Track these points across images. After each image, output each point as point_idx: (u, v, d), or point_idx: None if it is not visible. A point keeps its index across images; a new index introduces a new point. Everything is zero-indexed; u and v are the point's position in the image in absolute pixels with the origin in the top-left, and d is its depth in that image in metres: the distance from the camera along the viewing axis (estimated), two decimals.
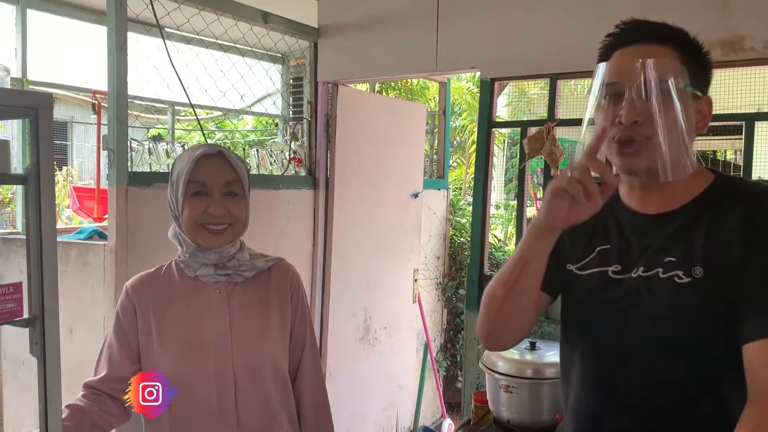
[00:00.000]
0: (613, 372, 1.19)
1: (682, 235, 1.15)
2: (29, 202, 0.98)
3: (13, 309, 0.97)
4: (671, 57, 1.14)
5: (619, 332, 1.19)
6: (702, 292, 1.10)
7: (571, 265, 1.27)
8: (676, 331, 1.13)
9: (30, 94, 0.99)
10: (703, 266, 1.10)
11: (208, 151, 1.49)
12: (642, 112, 1.10)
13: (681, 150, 1.12)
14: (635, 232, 1.21)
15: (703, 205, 1.16)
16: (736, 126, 2.76)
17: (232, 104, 3.35)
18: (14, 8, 3.16)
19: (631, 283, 1.17)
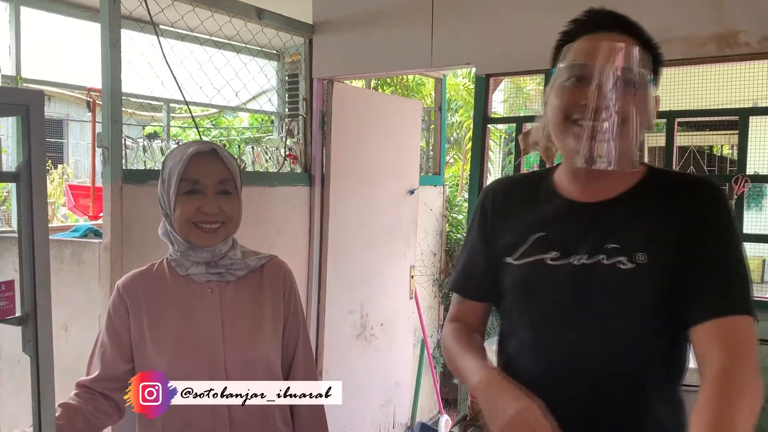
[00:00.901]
0: (555, 363, 1.18)
1: (624, 222, 1.16)
2: (21, 200, 0.97)
3: (5, 307, 0.97)
4: (636, 47, 1.13)
5: (561, 319, 1.18)
6: (646, 277, 1.11)
7: (508, 258, 1.26)
8: (622, 317, 1.14)
9: (21, 91, 0.98)
10: (646, 252, 1.12)
11: (201, 149, 1.46)
12: (610, 97, 1.10)
13: (635, 141, 1.14)
14: (573, 220, 1.20)
15: (642, 193, 1.18)
16: (732, 121, 2.76)
17: (227, 101, 3.35)
18: (8, 6, 3.15)
19: (574, 269, 1.17)
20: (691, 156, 6.06)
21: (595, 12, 1.20)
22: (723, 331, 1.05)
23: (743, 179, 2.47)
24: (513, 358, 1.28)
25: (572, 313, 1.17)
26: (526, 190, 1.31)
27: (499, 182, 1.41)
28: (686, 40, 2.44)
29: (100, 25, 2.35)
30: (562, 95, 1.16)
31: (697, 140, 7.43)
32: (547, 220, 1.24)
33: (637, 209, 1.16)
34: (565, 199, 1.23)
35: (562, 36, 1.22)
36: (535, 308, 1.23)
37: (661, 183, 1.19)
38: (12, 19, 3.17)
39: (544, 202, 1.26)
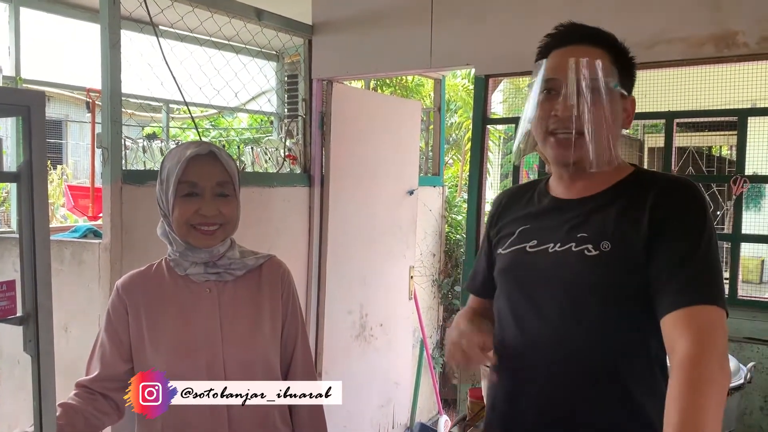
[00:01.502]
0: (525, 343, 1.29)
1: (595, 214, 1.26)
2: (22, 200, 0.97)
3: (7, 307, 0.97)
4: (603, 58, 1.24)
5: (534, 302, 1.28)
6: (607, 263, 1.20)
7: (499, 250, 1.40)
8: (589, 301, 1.22)
9: (22, 92, 0.99)
10: (611, 241, 1.21)
11: (200, 151, 1.46)
12: (575, 106, 1.21)
13: (608, 143, 1.23)
14: (554, 214, 1.33)
15: (619, 190, 1.27)
16: (731, 121, 2.77)
17: (227, 102, 3.35)
18: (7, 6, 3.15)
19: (547, 256, 1.28)
20: (690, 156, 6.07)
21: (564, 27, 1.31)
22: (689, 320, 1.10)
23: (742, 179, 2.48)
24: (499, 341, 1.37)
25: (545, 295, 1.27)
26: (525, 195, 1.44)
27: (506, 191, 1.55)
28: (685, 40, 2.44)
29: (100, 25, 2.36)
30: (538, 107, 1.28)
31: (696, 141, 7.44)
32: (534, 215, 1.37)
33: (611, 203, 1.25)
34: (553, 197, 1.36)
35: (537, 50, 1.34)
36: (513, 292, 1.34)
37: (640, 181, 1.27)
38: (11, 19, 3.17)
39: (536, 202, 1.39)
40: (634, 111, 1.31)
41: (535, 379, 1.26)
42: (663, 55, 2.48)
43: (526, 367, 1.28)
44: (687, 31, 2.44)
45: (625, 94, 1.28)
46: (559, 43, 1.29)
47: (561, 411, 1.24)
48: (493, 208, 1.52)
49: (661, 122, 2.72)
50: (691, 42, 2.44)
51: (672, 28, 2.46)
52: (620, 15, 2.51)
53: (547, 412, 1.25)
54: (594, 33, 1.28)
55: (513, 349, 1.31)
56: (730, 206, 2.58)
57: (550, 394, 1.25)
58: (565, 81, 1.22)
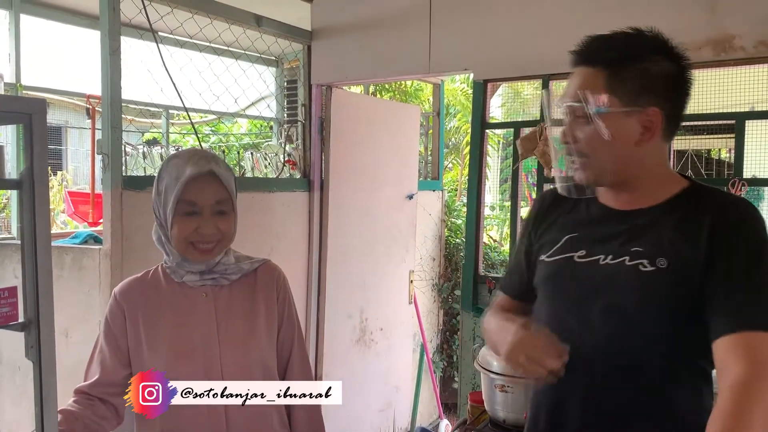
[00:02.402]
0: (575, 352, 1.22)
1: (651, 229, 1.23)
2: (24, 207, 0.98)
3: (8, 313, 0.98)
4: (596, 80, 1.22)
5: (581, 313, 1.26)
6: (663, 281, 1.18)
7: (543, 256, 1.37)
8: (637, 315, 1.20)
9: (23, 100, 1.00)
10: (667, 258, 1.18)
11: (200, 171, 1.46)
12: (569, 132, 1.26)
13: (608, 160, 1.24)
14: (605, 223, 1.30)
15: (674, 205, 1.25)
16: (729, 125, 2.78)
17: (226, 107, 3.36)
18: (7, 13, 3.16)
19: (597, 268, 1.25)
20: (689, 160, 6.07)
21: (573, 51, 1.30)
22: (744, 345, 1.08)
23: (740, 183, 2.49)
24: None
25: (594, 308, 1.24)
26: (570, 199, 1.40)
27: (551, 190, 1.51)
28: (681, 44, 2.45)
29: (100, 32, 2.37)
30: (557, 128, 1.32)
31: (695, 144, 7.45)
32: (582, 222, 1.35)
33: (666, 218, 1.23)
34: (602, 205, 1.34)
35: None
36: (558, 302, 1.32)
37: (696, 197, 1.25)
38: (12, 26, 3.18)
39: (584, 209, 1.37)
40: (658, 121, 1.22)
41: (581, 392, 1.24)
42: None
43: (572, 379, 1.22)
44: (684, 35, 2.41)
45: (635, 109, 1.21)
46: (572, 64, 1.30)
47: (606, 424, 1.22)
48: (535, 206, 1.48)
49: None
50: (687, 46, 2.42)
51: (668, 32, 2.44)
52: (616, 20, 2.50)
53: (591, 425, 1.24)
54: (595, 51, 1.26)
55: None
56: None
57: (595, 407, 1.23)
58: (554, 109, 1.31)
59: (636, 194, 1.27)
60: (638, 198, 1.27)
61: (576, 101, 1.23)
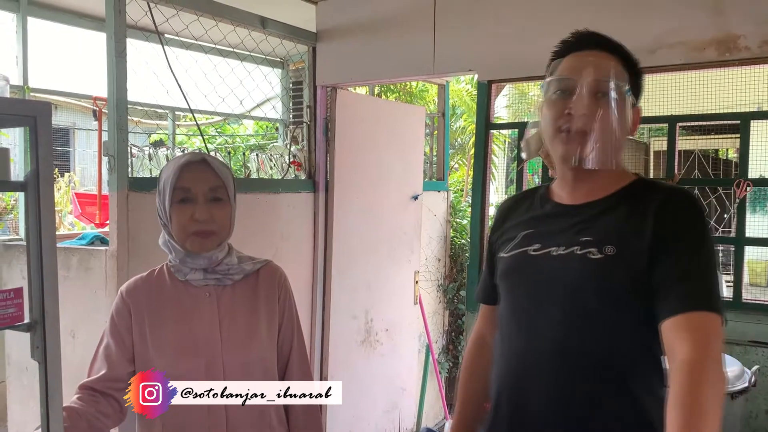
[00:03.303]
0: (529, 344, 1.31)
1: (600, 219, 1.29)
2: (29, 209, 0.99)
3: (14, 314, 0.99)
4: (616, 64, 1.29)
5: (538, 303, 1.31)
6: (610, 267, 1.23)
7: (501, 253, 1.43)
8: (589, 302, 1.25)
9: (28, 103, 1.01)
10: (615, 245, 1.23)
11: (192, 159, 1.54)
12: (591, 106, 1.26)
13: (614, 146, 1.28)
14: (558, 218, 1.36)
15: (622, 197, 1.31)
16: (734, 125, 2.77)
17: (232, 109, 3.37)
18: (15, 16, 3.19)
19: (550, 259, 1.31)
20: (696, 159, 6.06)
21: (580, 33, 1.35)
22: (689, 325, 1.14)
23: (745, 183, 2.48)
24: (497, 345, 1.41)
25: (549, 298, 1.29)
26: (526, 201, 1.48)
27: (509, 199, 1.59)
28: (686, 44, 2.45)
29: (106, 34, 2.38)
30: (551, 106, 1.32)
31: (702, 144, 7.42)
32: (536, 219, 1.40)
33: (615, 208, 1.29)
34: (555, 202, 1.40)
35: (552, 54, 1.38)
36: (517, 294, 1.38)
37: (643, 189, 1.31)
38: (19, 29, 3.20)
39: (538, 207, 1.43)
40: (639, 120, 1.35)
41: (540, 378, 1.28)
42: (665, 60, 2.49)
43: (532, 366, 1.30)
44: (689, 35, 2.45)
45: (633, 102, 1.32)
46: (575, 48, 1.33)
47: (566, 411, 1.26)
48: (496, 215, 1.55)
49: (664, 126, 2.72)
50: (692, 46, 2.45)
51: (674, 32, 2.47)
52: (622, 20, 2.52)
53: (552, 411, 1.27)
54: (608, 41, 1.33)
55: (517, 349, 1.34)
56: (735, 209, 2.59)
57: (556, 393, 1.27)
58: (581, 81, 1.26)
59: (593, 186, 1.32)
60: (592, 191, 1.33)
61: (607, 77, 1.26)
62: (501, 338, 1.40)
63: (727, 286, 2.73)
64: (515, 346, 1.34)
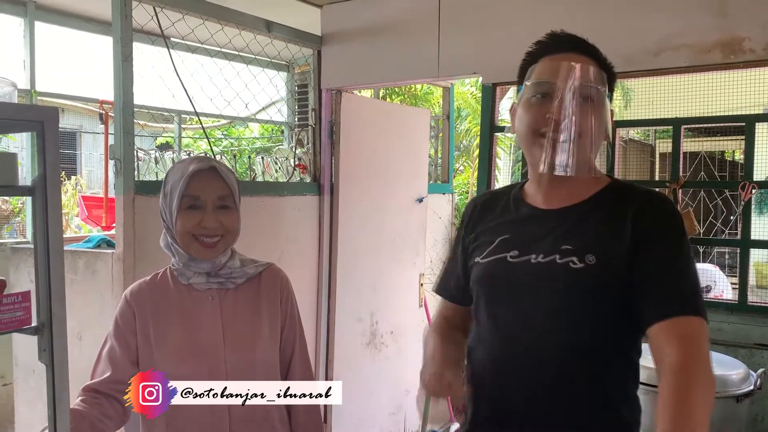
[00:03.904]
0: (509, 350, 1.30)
1: (579, 226, 1.28)
2: (36, 213, 1.00)
3: (22, 317, 1.00)
4: (595, 69, 1.26)
5: (516, 312, 1.30)
6: (593, 276, 1.22)
7: (477, 258, 1.39)
8: (571, 311, 1.25)
9: (36, 108, 1.02)
10: (595, 254, 1.23)
11: (202, 167, 1.54)
12: (572, 110, 1.23)
13: (595, 149, 1.27)
14: (535, 223, 1.34)
15: (599, 202, 1.30)
16: (739, 126, 2.77)
17: (238, 112, 3.39)
18: (22, 21, 3.21)
19: (530, 267, 1.28)
20: (701, 161, 6.05)
21: (556, 35, 1.33)
22: (677, 330, 1.15)
23: (750, 185, 2.48)
24: (473, 349, 1.39)
25: (529, 305, 1.28)
26: (500, 201, 1.45)
27: (479, 196, 1.56)
28: (691, 47, 2.45)
29: (113, 38, 2.40)
30: (529, 110, 1.29)
31: (708, 146, 7.41)
32: (512, 223, 1.37)
33: (592, 214, 1.29)
34: (531, 206, 1.37)
35: (526, 56, 1.35)
36: (494, 301, 1.35)
37: (618, 193, 1.31)
38: (26, 33, 3.23)
39: (513, 210, 1.40)
40: (614, 122, 1.33)
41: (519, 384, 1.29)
42: (669, 62, 2.49)
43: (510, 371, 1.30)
44: (693, 37, 2.45)
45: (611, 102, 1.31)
46: (551, 50, 1.30)
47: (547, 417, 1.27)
48: (466, 212, 1.52)
49: (669, 128, 2.72)
50: (697, 49, 2.45)
51: (678, 35, 2.46)
52: (626, 23, 2.52)
53: (533, 418, 1.28)
54: (584, 43, 1.31)
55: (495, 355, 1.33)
56: (740, 212, 2.58)
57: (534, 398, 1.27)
58: (563, 85, 1.23)
59: (569, 191, 1.31)
60: (568, 195, 1.31)
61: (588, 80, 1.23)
62: (476, 342, 1.39)
63: (733, 289, 2.73)
64: (494, 351, 1.33)
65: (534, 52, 1.33)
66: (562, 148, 1.24)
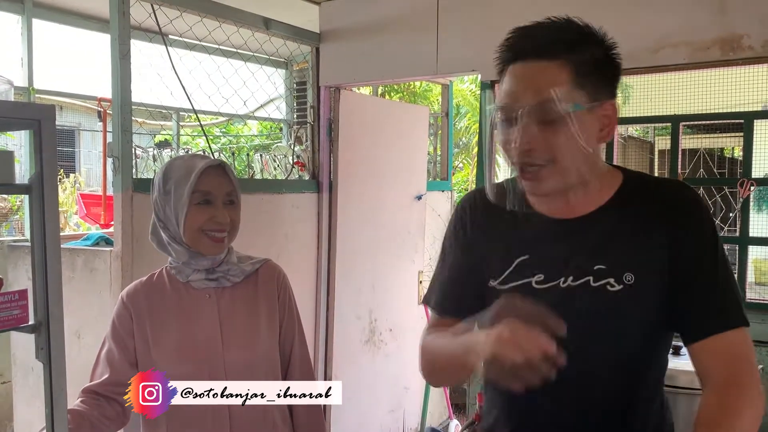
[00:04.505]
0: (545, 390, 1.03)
1: (607, 239, 1.14)
2: (33, 211, 1.00)
3: (19, 315, 1.00)
4: (562, 75, 1.08)
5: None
6: (635, 298, 1.11)
7: (493, 281, 1.21)
8: (612, 338, 1.13)
9: (33, 106, 1.02)
10: (633, 272, 1.11)
11: (212, 164, 1.55)
12: (534, 137, 1.08)
13: (580, 164, 1.10)
14: (554, 239, 1.18)
15: (619, 206, 1.16)
16: (738, 124, 2.77)
17: (236, 110, 3.38)
18: (20, 18, 3.20)
19: (561, 292, 1.14)
20: (701, 158, 6.05)
21: (514, 42, 1.15)
22: (723, 347, 1.09)
23: (748, 182, 2.48)
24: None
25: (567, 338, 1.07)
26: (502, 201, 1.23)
27: (473, 197, 1.34)
28: (690, 44, 2.45)
29: (110, 36, 2.39)
30: (500, 136, 1.14)
31: (707, 143, 7.40)
32: (529, 240, 1.20)
33: (620, 223, 1.15)
34: (542, 216, 1.20)
35: (496, 60, 1.18)
36: None
37: (638, 192, 1.18)
38: (24, 31, 3.22)
39: (523, 220, 1.21)
40: (616, 115, 1.14)
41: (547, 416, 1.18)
42: (668, 59, 2.48)
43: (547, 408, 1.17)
44: (692, 34, 2.44)
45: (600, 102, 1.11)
46: (514, 58, 1.13)
47: None
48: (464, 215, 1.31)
49: (668, 125, 2.72)
50: (696, 46, 2.44)
51: (677, 32, 2.46)
52: (624, 20, 2.52)
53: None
54: (553, 41, 1.12)
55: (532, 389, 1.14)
56: (739, 209, 2.59)
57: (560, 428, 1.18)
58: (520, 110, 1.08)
59: (579, 197, 1.16)
60: (581, 200, 1.16)
61: (545, 100, 1.06)
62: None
63: None
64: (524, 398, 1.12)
65: (500, 61, 1.17)
66: (536, 176, 1.11)
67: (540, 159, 1.09)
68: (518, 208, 1.21)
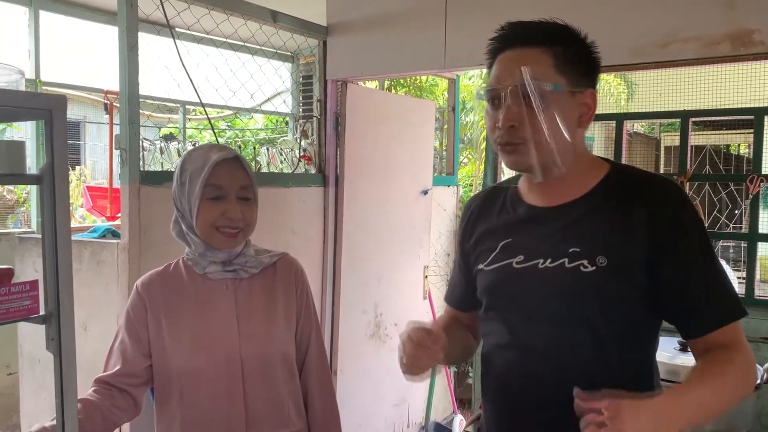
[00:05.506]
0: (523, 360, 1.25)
1: (584, 225, 1.22)
2: (44, 202, 1.00)
3: (30, 306, 1.00)
4: (544, 60, 1.19)
5: (529, 319, 1.25)
6: (605, 279, 1.17)
7: (481, 264, 1.34)
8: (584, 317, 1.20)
9: (44, 96, 1.01)
10: (606, 255, 1.17)
11: (226, 156, 1.51)
12: (516, 116, 1.18)
13: (557, 147, 1.18)
14: (536, 224, 1.28)
15: (601, 195, 1.24)
16: (747, 120, 2.75)
17: (243, 103, 3.38)
18: (27, 10, 3.21)
19: (537, 272, 1.23)
20: (707, 155, 6.04)
21: (503, 32, 1.28)
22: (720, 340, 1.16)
23: (758, 178, 2.46)
24: (489, 358, 1.34)
25: (542, 313, 1.23)
26: (496, 201, 1.39)
27: (476, 196, 1.49)
28: (699, 39, 2.43)
29: (118, 28, 2.39)
30: (486, 119, 1.27)
31: (713, 139, 7.37)
32: (513, 226, 1.31)
33: (598, 211, 1.22)
34: (528, 204, 1.31)
35: (486, 53, 1.30)
36: (505, 310, 1.30)
37: (622, 183, 1.24)
38: (31, 23, 3.22)
39: (510, 210, 1.34)
40: (594, 104, 1.24)
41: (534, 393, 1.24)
42: (677, 54, 2.47)
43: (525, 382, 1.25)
44: (701, 29, 2.43)
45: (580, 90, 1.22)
46: (502, 47, 1.26)
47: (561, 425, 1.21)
48: (463, 216, 1.47)
49: (677, 121, 2.71)
50: (705, 41, 2.43)
51: (686, 27, 2.44)
52: (633, 15, 2.50)
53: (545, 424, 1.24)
54: (536, 31, 1.25)
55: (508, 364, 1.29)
56: (747, 205, 2.57)
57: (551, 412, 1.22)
58: (504, 91, 1.20)
59: (564, 185, 1.25)
60: (566, 190, 1.25)
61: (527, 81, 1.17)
62: (488, 352, 1.35)
63: (740, 283, 2.72)
64: (507, 361, 1.29)
65: (490, 51, 1.29)
66: (516, 154, 1.21)
67: (520, 137, 1.19)
68: (509, 200, 1.35)
